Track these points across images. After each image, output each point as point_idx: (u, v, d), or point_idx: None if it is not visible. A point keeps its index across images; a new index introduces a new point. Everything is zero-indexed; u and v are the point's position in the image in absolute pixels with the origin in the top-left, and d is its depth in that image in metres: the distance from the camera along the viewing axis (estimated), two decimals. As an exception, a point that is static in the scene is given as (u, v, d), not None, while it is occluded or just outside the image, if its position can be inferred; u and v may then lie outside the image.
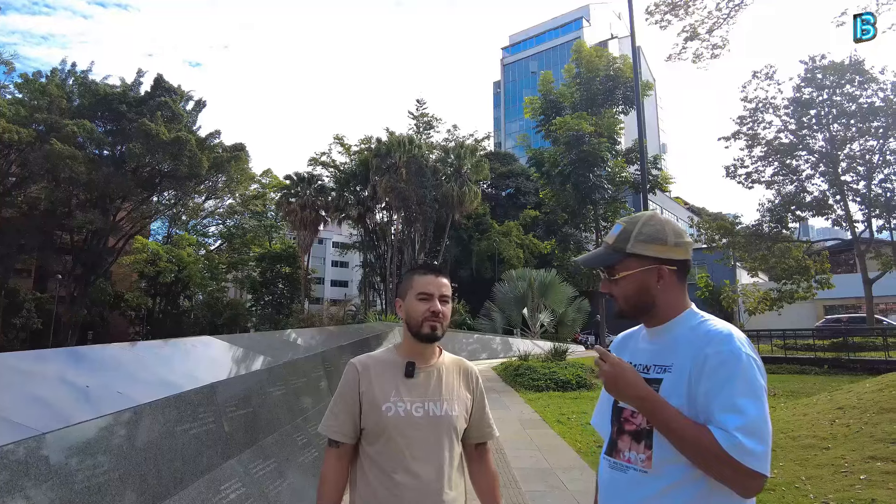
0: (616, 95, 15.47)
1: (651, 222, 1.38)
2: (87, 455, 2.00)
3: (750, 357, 1.20)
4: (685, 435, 1.17)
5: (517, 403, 9.64)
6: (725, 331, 1.25)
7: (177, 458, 2.59)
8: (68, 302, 40.49)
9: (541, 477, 5.08)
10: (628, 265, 1.36)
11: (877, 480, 4.19)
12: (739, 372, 1.17)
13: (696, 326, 1.31)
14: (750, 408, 1.14)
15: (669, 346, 1.33)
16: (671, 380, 1.27)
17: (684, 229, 1.41)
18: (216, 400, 3.20)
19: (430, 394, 1.64)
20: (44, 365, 2.71)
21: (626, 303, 1.39)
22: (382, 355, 1.73)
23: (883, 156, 22.25)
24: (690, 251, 1.39)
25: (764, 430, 1.13)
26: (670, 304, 1.36)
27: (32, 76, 41.18)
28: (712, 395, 1.18)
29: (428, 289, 1.67)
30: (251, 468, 3.30)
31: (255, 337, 8.01)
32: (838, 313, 31.67)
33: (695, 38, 14.79)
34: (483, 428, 1.76)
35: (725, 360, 1.19)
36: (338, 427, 1.63)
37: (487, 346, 21.74)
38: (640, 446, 1.30)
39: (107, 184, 38.65)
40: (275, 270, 48.13)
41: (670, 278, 1.35)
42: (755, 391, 1.16)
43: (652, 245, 1.35)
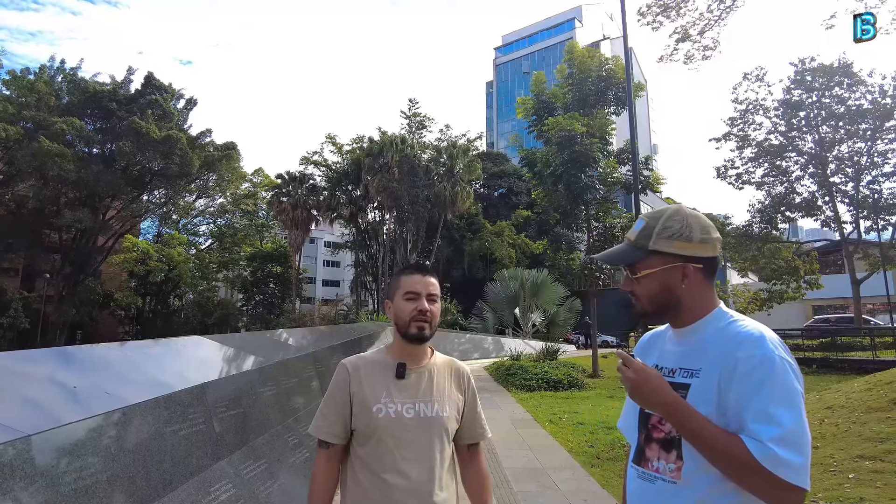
0: (608, 96, 15.49)
1: (675, 217, 1.31)
2: (75, 457, 1.98)
3: (784, 360, 1.13)
4: (715, 445, 1.11)
5: (509, 403, 9.65)
6: (757, 332, 1.18)
7: (166, 459, 2.57)
8: (56, 301, 40.07)
9: (533, 477, 5.08)
10: (651, 263, 1.30)
11: (865, 479, 4.23)
12: (773, 377, 1.10)
13: (725, 327, 1.24)
14: (785, 416, 1.06)
15: (697, 348, 1.26)
16: (699, 385, 1.21)
17: (712, 224, 1.33)
18: (206, 400, 3.18)
19: (421, 395, 1.63)
20: (30, 365, 2.68)
21: (650, 303, 1.32)
22: (373, 356, 1.72)
23: (871, 157, 22.47)
24: (719, 247, 1.31)
25: (802, 440, 1.06)
26: (697, 303, 1.29)
27: (20, 73, 40.71)
28: (744, 403, 1.11)
29: (415, 288, 1.65)
30: (242, 469, 3.28)
31: (245, 337, 7.97)
32: (826, 313, 31.98)
33: (686, 39, 14.85)
34: (475, 429, 1.75)
35: (757, 365, 1.12)
36: (328, 428, 1.62)
37: (479, 346, 21.76)
38: (669, 456, 1.24)
39: (96, 182, 38.28)
40: (266, 270, 47.92)
41: (696, 277, 1.28)
42: (790, 398, 1.09)
43: (676, 242, 1.28)
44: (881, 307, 31.79)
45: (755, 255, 23.69)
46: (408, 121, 43.75)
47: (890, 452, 4.55)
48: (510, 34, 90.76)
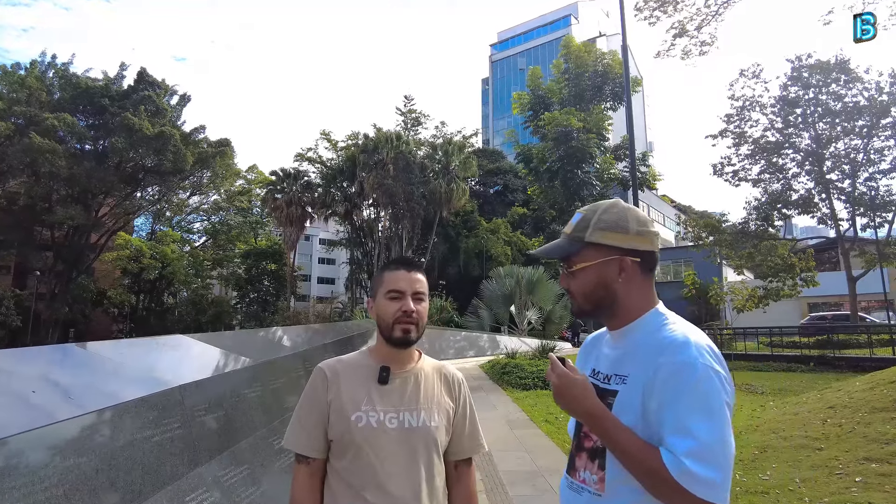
0: (604, 91, 15.39)
1: (613, 209, 1.25)
2: (25, 471, 1.80)
3: (708, 367, 1.05)
4: (634, 456, 1.06)
5: (504, 402, 9.50)
6: (681, 337, 1.11)
7: (135, 468, 2.39)
8: (49, 299, 39.70)
9: (528, 480, 4.93)
10: (587, 256, 1.23)
11: (873, 483, 4.09)
12: (693, 386, 1.03)
13: (655, 330, 1.17)
14: (702, 428, 1.00)
15: (629, 352, 1.19)
16: (625, 393, 1.14)
17: (650, 218, 1.29)
18: (184, 404, 3.00)
19: (406, 402, 1.45)
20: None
21: (584, 299, 1.25)
22: (354, 359, 1.54)
23: (867, 154, 22.47)
24: (657, 242, 1.25)
25: (719, 455, 0.99)
26: (634, 301, 1.22)
27: (11, 68, 40.25)
28: (663, 413, 1.05)
29: (399, 286, 1.47)
30: (221, 476, 3.10)
31: (233, 335, 7.79)
32: (822, 311, 32.00)
33: (683, 34, 14.75)
34: (466, 442, 1.54)
35: (676, 372, 1.05)
36: (308, 441, 1.43)
37: (475, 344, 21.63)
38: (594, 466, 1.18)
39: (88, 179, 37.90)
40: (260, 267, 47.64)
41: (633, 271, 1.22)
42: (710, 408, 1.02)
43: (612, 233, 1.22)
44: (876, 304, 31.84)
45: (751, 253, 23.64)
46: (403, 117, 43.52)
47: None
48: (506, 31, 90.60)
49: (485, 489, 4.59)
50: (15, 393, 2.24)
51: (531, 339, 20.91)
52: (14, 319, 37.26)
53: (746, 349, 19.42)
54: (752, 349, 19.69)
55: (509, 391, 10.87)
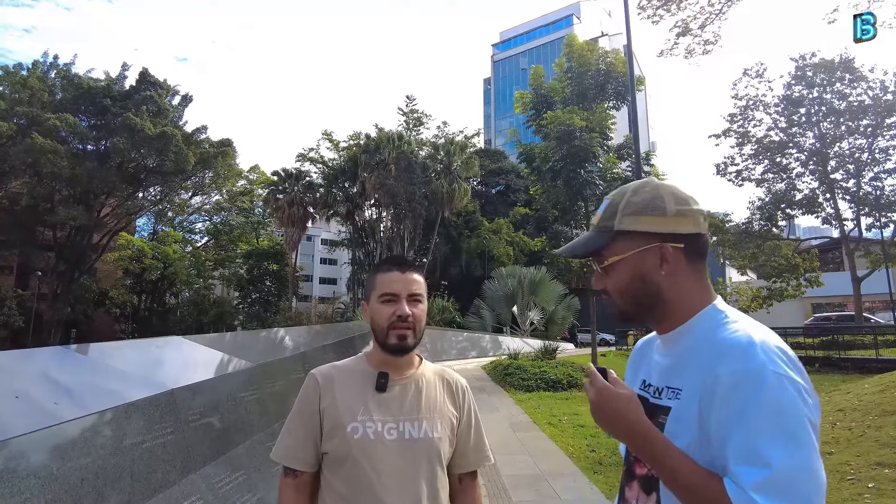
0: (608, 90, 15.23)
1: (644, 189, 1.04)
2: (2, 482, 1.70)
3: (780, 375, 0.85)
4: (690, 489, 0.87)
5: (507, 404, 9.41)
6: (744, 338, 0.91)
7: (124, 476, 2.29)
8: (51, 299, 39.72)
9: (531, 484, 4.83)
10: (619, 247, 1.03)
11: (886, 489, 3.98)
12: (762, 400, 0.83)
13: (712, 332, 0.97)
14: (777, 454, 0.80)
15: (682, 360, 0.99)
16: (680, 410, 0.95)
17: (692, 195, 1.05)
18: (176, 408, 2.91)
19: (406, 411, 1.35)
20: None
21: (623, 299, 1.05)
22: (349, 364, 1.43)
23: (872, 154, 22.31)
24: (703, 222, 1.03)
25: (801, 487, 0.79)
26: (684, 297, 1.01)
27: (13, 68, 40.27)
28: (726, 436, 0.85)
29: (392, 288, 1.37)
30: (216, 482, 3.01)
31: (231, 336, 7.69)
32: (826, 311, 31.84)
33: (687, 33, 14.64)
34: (471, 454, 1.44)
35: (740, 383, 0.85)
36: (295, 452, 1.33)
37: (477, 345, 21.55)
38: (648, 500, 1.00)
39: (90, 179, 37.90)
40: (262, 268, 47.60)
41: (678, 260, 1.00)
42: (786, 428, 0.81)
43: (645, 217, 1.01)
44: (881, 305, 31.66)
45: (755, 253, 23.50)
46: (405, 117, 43.46)
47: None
48: (508, 31, 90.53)
49: (487, 494, 4.50)
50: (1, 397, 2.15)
51: (534, 340, 20.82)
52: (16, 320, 37.28)
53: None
54: (756, 350, 19.54)
55: (512, 393, 10.78)
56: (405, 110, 43.46)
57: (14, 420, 1.99)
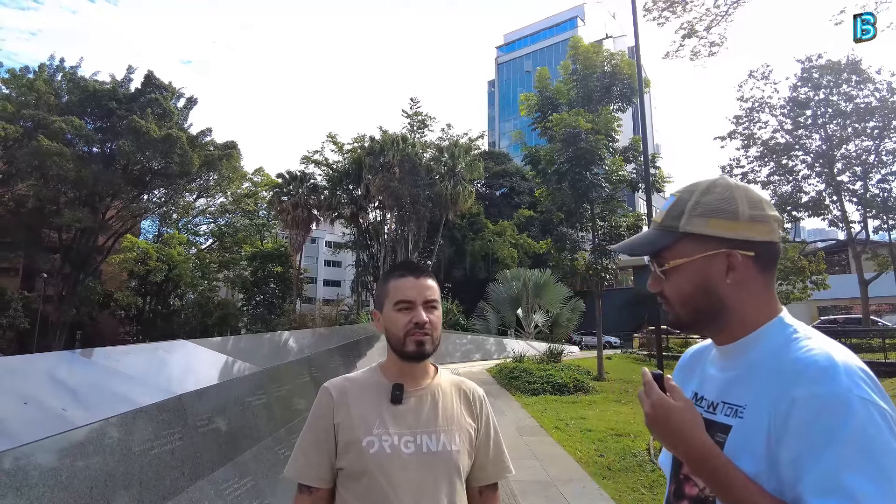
0: (613, 92, 15.18)
1: (715, 189, 0.97)
2: (12, 489, 1.68)
3: (868, 403, 0.77)
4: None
5: (513, 408, 9.36)
6: (824, 358, 0.82)
7: (133, 482, 2.27)
8: (56, 301, 39.83)
9: (541, 490, 4.78)
10: (682, 250, 0.96)
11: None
12: (849, 430, 0.75)
13: (783, 347, 0.90)
14: (865, 489, 0.71)
15: (745, 374, 0.92)
16: (742, 429, 0.88)
17: (767, 199, 0.98)
18: (184, 413, 2.88)
19: (423, 424, 1.30)
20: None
21: (683, 306, 0.98)
22: (363, 377, 1.39)
23: (879, 156, 22.20)
24: (777, 229, 0.96)
25: None
26: (749, 309, 0.94)
27: (20, 72, 40.48)
28: (803, 465, 0.77)
29: (408, 295, 1.32)
30: (224, 489, 2.97)
31: (238, 340, 7.67)
32: (832, 314, 31.66)
33: (692, 35, 14.61)
34: (491, 466, 1.40)
35: (823, 410, 0.77)
36: (309, 469, 1.29)
37: (481, 347, 21.49)
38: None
39: (96, 181, 38.03)
40: (266, 270, 47.62)
41: (746, 269, 0.93)
42: (876, 460, 0.73)
43: (716, 220, 0.94)
44: (888, 307, 31.47)
45: (760, 255, 23.37)
46: (409, 120, 43.48)
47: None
48: (512, 33, 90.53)
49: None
50: (7, 403, 2.13)
51: (538, 343, 20.77)
52: (22, 322, 37.42)
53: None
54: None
55: (518, 396, 10.73)
56: (409, 112, 43.49)
57: (23, 426, 1.97)
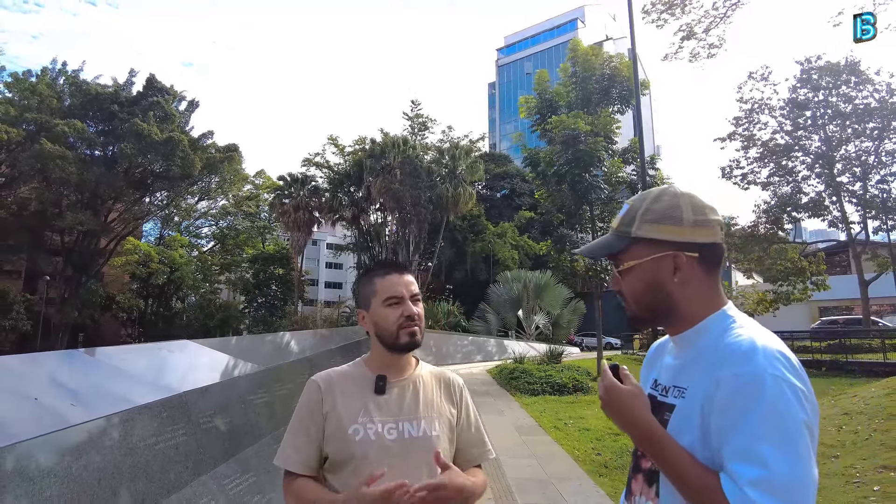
0: (612, 94, 15.28)
1: (663, 197, 1.08)
2: (26, 479, 1.76)
3: (780, 380, 0.88)
4: (689, 483, 0.91)
5: (513, 408, 9.43)
6: (747, 343, 0.94)
7: (139, 476, 2.35)
8: (59, 304, 39.97)
9: (538, 488, 4.85)
10: (635, 253, 1.07)
11: (891, 492, 3.98)
12: (762, 403, 0.86)
13: (720, 336, 1.01)
14: (773, 454, 0.83)
15: (691, 361, 1.04)
16: (684, 408, 0.99)
17: (711, 204, 1.09)
18: (188, 410, 2.96)
19: (406, 412, 1.39)
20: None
21: (637, 303, 1.10)
22: (349, 370, 1.48)
23: (878, 157, 22.23)
24: (719, 232, 1.07)
25: (795, 488, 0.82)
26: (694, 303, 1.05)
27: (22, 75, 40.65)
28: (726, 436, 0.89)
29: (397, 291, 1.42)
30: (226, 484, 3.05)
31: (239, 340, 7.76)
32: (832, 315, 31.66)
33: (691, 37, 14.66)
34: (472, 449, 1.49)
35: (742, 387, 0.89)
36: (298, 457, 1.37)
37: (482, 348, 21.55)
38: (650, 491, 1.04)
39: (98, 184, 38.20)
40: (268, 272, 47.72)
41: (691, 269, 1.04)
42: (783, 431, 0.85)
43: (662, 226, 1.05)
44: (888, 308, 31.47)
45: (761, 256, 23.42)
46: (410, 122, 43.53)
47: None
48: (512, 35, 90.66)
49: (493, 497, 4.53)
50: (18, 399, 2.21)
51: (539, 344, 20.80)
52: (24, 324, 37.54)
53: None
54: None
55: (518, 397, 10.79)
56: (410, 115, 43.56)
57: (33, 421, 2.05)
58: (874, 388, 6.81)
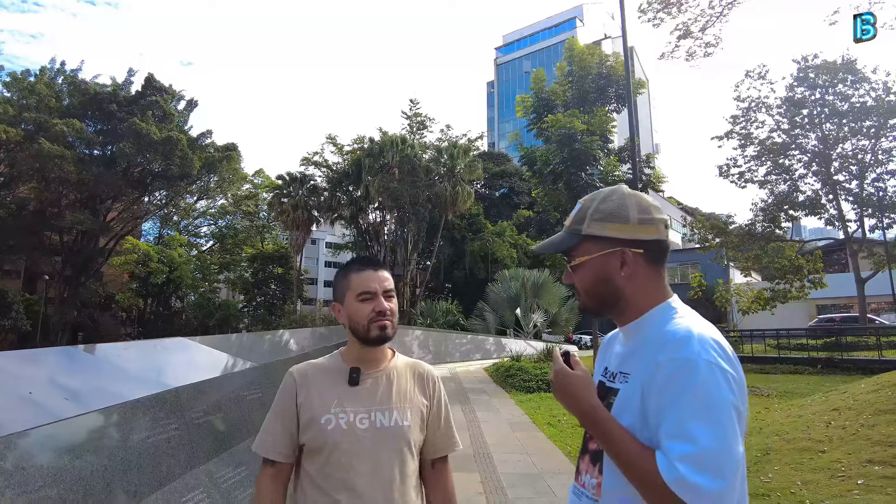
0: (608, 93, 15.33)
1: (612, 197, 1.16)
2: (18, 469, 1.82)
3: (712, 364, 0.96)
4: (628, 461, 0.98)
5: (507, 405, 9.49)
6: (684, 331, 1.02)
7: (132, 468, 2.41)
8: (58, 303, 40.01)
9: (529, 482, 4.92)
10: (585, 249, 1.15)
11: (875, 486, 4.05)
12: (693, 386, 0.94)
13: (662, 324, 1.08)
14: (702, 432, 0.90)
15: (636, 349, 1.12)
16: (627, 392, 1.07)
17: (656, 204, 1.17)
18: (181, 405, 3.02)
19: (378, 402, 1.45)
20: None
21: (587, 296, 1.18)
22: (325, 362, 1.54)
23: (875, 155, 22.26)
24: (664, 229, 1.15)
25: (721, 463, 0.89)
26: (640, 296, 1.13)
27: (21, 75, 40.65)
28: (662, 416, 0.96)
29: (369, 286, 1.48)
30: (218, 477, 3.12)
31: (236, 338, 7.81)
32: (830, 313, 31.72)
33: (688, 36, 14.73)
34: (441, 440, 1.56)
35: (677, 371, 0.96)
36: (273, 444, 1.43)
37: (481, 347, 21.62)
38: (594, 470, 1.11)
39: (97, 184, 38.21)
40: (267, 271, 47.78)
41: (637, 264, 1.12)
42: (713, 411, 0.92)
43: (610, 224, 1.13)
44: (886, 306, 31.53)
45: (758, 254, 23.45)
46: (408, 121, 43.58)
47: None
48: (511, 34, 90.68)
49: (484, 491, 4.59)
50: (11, 393, 2.27)
51: (537, 342, 20.87)
52: (24, 324, 37.57)
53: (753, 351, 19.29)
54: (760, 351, 19.56)
55: (513, 394, 10.86)
56: (409, 114, 43.60)
57: (27, 415, 2.11)
58: (864, 385, 6.87)
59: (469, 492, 4.49)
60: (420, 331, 20.33)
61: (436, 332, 21.73)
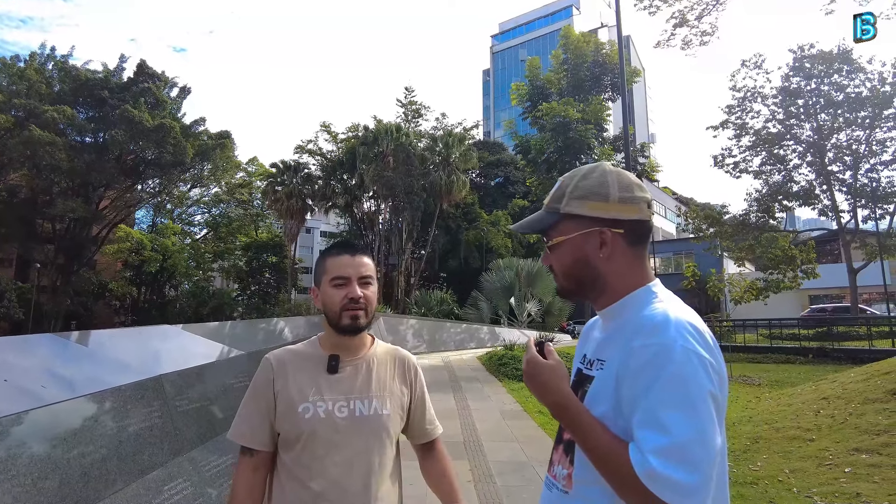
0: (604, 82, 15.27)
1: (592, 174, 1.09)
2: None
3: (689, 351, 0.90)
4: (599, 452, 0.93)
5: (499, 394, 9.50)
6: (661, 315, 0.96)
7: (111, 457, 2.37)
8: (51, 292, 39.78)
9: (517, 470, 4.92)
10: (564, 229, 1.09)
11: (862, 473, 4.07)
12: (668, 372, 0.88)
13: (640, 309, 1.02)
14: (676, 422, 0.85)
15: (612, 334, 1.06)
16: (602, 379, 1.02)
17: (639, 182, 1.10)
18: (164, 393, 2.98)
19: (357, 390, 1.41)
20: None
21: (565, 277, 1.12)
22: (303, 349, 1.49)
23: (869, 146, 22.32)
24: (646, 209, 1.08)
25: (696, 455, 0.84)
26: (619, 278, 1.07)
27: (10, 60, 40.09)
28: (635, 403, 0.91)
29: (344, 272, 1.43)
30: (202, 465, 3.09)
31: (231, 326, 7.75)
32: (823, 303, 31.94)
33: (684, 24, 14.67)
34: (424, 426, 1.55)
35: (651, 357, 0.91)
36: (251, 433, 1.38)
37: (475, 336, 21.65)
38: (566, 460, 1.07)
39: (89, 171, 37.84)
40: (261, 260, 47.61)
41: (617, 245, 1.06)
42: (688, 400, 0.87)
43: (589, 202, 1.06)
44: (877, 296, 31.76)
45: (752, 245, 23.55)
46: (403, 109, 43.34)
47: (887, 445, 4.40)
48: (507, 21, 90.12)
49: (473, 479, 4.59)
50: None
51: (531, 331, 20.93)
52: (16, 312, 37.36)
53: (746, 341, 19.42)
54: (752, 341, 19.69)
55: (505, 382, 10.87)
56: (404, 102, 43.36)
57: (1, 403, 2.07)
58: (853, 374, 6.90)
59: (459, 480, 4.48)
60: (414, 320, 20.33)
61: (430, 321, 21.74)
